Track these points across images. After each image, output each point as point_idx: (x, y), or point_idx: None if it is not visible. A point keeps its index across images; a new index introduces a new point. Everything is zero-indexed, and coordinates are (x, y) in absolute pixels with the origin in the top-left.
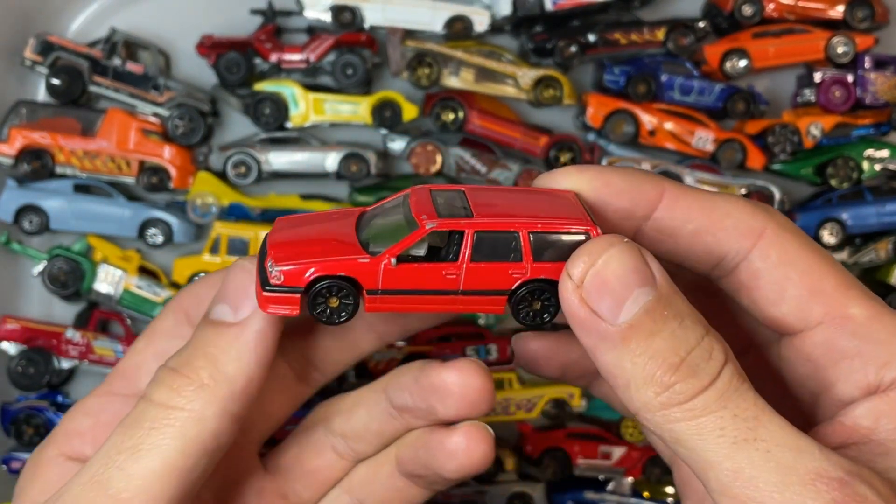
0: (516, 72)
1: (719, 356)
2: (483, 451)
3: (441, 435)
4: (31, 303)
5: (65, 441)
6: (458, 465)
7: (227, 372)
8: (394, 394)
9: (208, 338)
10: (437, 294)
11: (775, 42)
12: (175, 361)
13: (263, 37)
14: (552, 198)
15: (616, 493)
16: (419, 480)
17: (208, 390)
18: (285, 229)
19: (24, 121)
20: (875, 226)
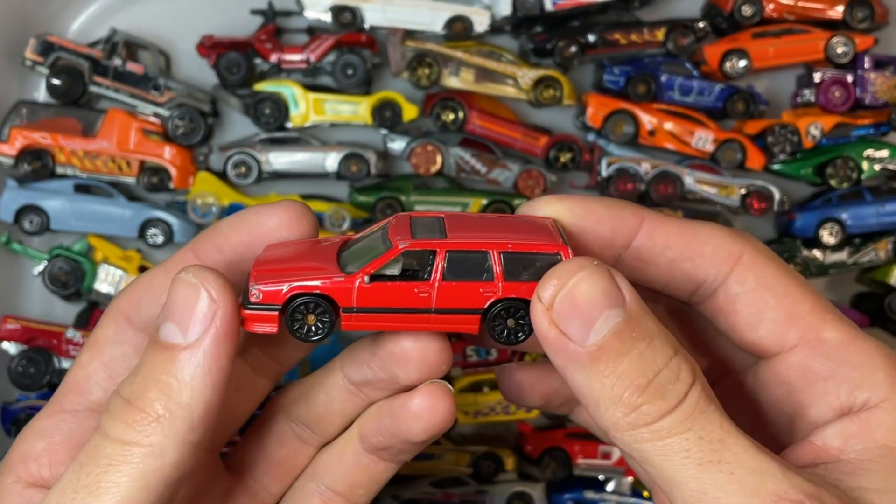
0: (516, 72)
1: (686, 377)
2: (446, 408)
3: (403, 399)
4: (32, 303)
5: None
6: (424, 426)
7: (182, 401)
8: (351, 371)
9: (159, 364)
10: (411, 312)
11: (775, 42)
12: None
13: (264, 37)
14: (528, 223)
15: (616, 492)
16: (384, 453)
17: (165, 423)
18: (271, 253)
19: (25, 121)
20: (874, 226)
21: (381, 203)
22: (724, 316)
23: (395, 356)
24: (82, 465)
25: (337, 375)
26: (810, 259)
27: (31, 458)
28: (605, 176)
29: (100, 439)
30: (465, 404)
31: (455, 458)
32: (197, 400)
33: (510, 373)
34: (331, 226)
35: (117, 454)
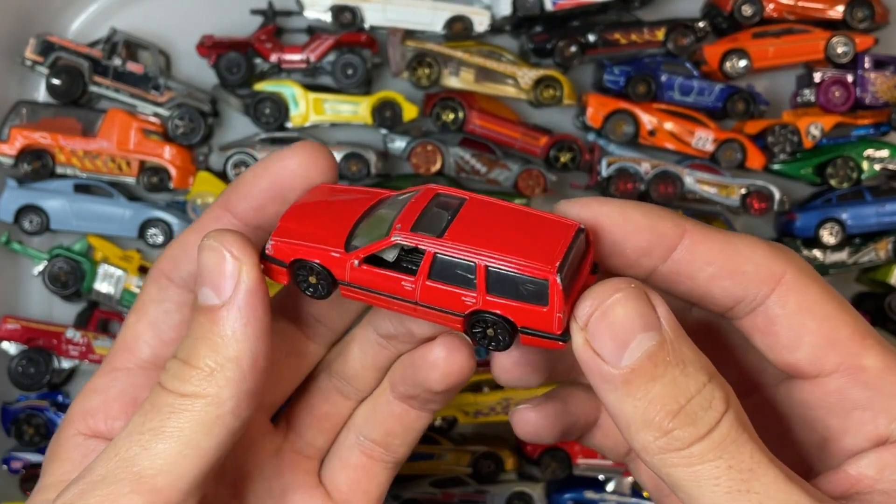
0: (516, 72)
1: (719, 405)
2: (463, 358)
3: (423, 350)
4: (32, 303)
5: (80, 420)
6: (441, 375)
7: (230, 354)
8: (378, 324)
9: (204, 325)
10: (398, 300)
11: (775, 42)
12: (182, 352)
13: (264, 37)
14: (545, 229)
15: (616, 492)
16: (413, 402)
17: (218, 375)
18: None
19: (25, 121)
20: (875, 226)
21: None
22: (761, 336)
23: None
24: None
25: (368, 330)
26: (811, 259)
27: (88, 412)
28: (605, 176)
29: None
30: (465, 404)
31: (455, 457)
32: (242, 351)
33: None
34: None
35: (178, 403)
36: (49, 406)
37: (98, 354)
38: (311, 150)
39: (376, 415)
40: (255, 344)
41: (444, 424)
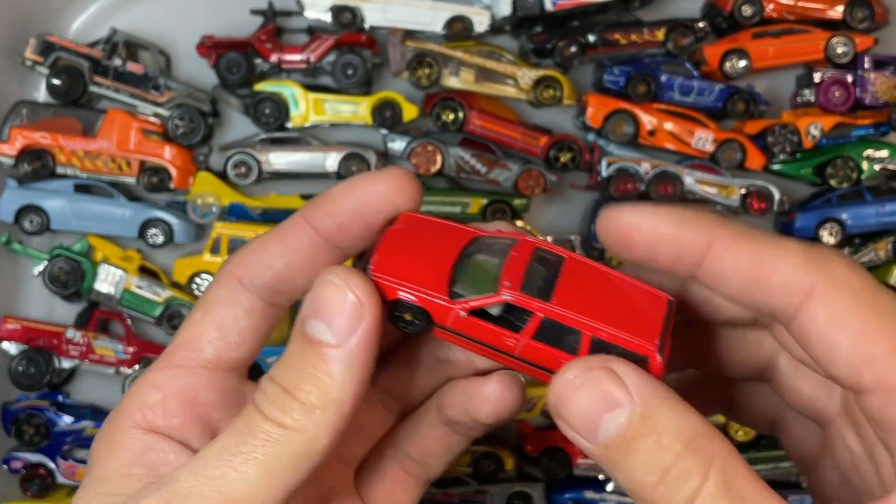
0: (516, 72)
1: (696, 475)
2: (515, 397)
3: (477, 383)
4: (32, 303)
5: (138, 413)
6: (492, 410)
7: (335, 396)
8: (436, 348)
9: (311, 359)
10: (496, 351)
11: (775, 42)
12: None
13: (264, 37)
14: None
15: (616, 492)
16: (458, 427)
17: (319, 414)
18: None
19: (25, 121)
20: (874, 226)
21: None
22: (796, 348)
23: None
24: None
25: (423, 349)
26: None
27: (147, 406)
28: (605, 176)
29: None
30: None
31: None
32: (347, 395)
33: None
34: None
35: (275, 434)
36: (49, 406)
37: (98, 354)
38: (401, 177)
39: (418, 433)
40: (359, 389)
41: None
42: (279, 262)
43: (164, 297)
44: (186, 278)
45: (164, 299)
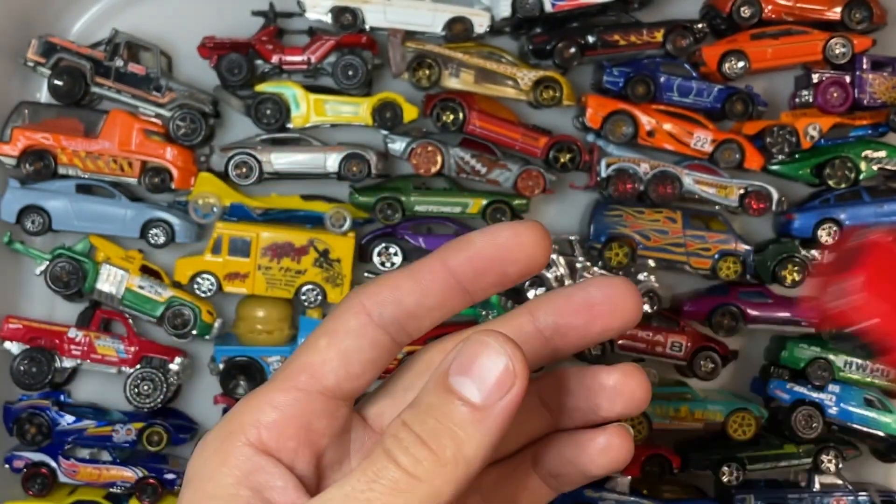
0: (516, 73)
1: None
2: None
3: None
4: (34, 302)
5: (252, 431)
6: (608, 462)
7: (468, 456)
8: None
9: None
10: None
11: (773, 43)
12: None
13: (265, 38)
14: None
15: (614, 491)
16: (552, 481)
17: (450, 469)
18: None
19: (27, 122)
20: (873, 226)
21: (381, 203)
22: None
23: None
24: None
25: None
26: (809, 259)
27: (263, 425)
28: (604, 176)
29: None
30: None
31: None
32: (478, 457)
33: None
34: (331, 226)
35: (403, 482)
36: (51, 405)
37: (100, 354)
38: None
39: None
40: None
41: None
42: (411, 300)
43: (165, 297)
44: (188, 278)
45: (165, 299)
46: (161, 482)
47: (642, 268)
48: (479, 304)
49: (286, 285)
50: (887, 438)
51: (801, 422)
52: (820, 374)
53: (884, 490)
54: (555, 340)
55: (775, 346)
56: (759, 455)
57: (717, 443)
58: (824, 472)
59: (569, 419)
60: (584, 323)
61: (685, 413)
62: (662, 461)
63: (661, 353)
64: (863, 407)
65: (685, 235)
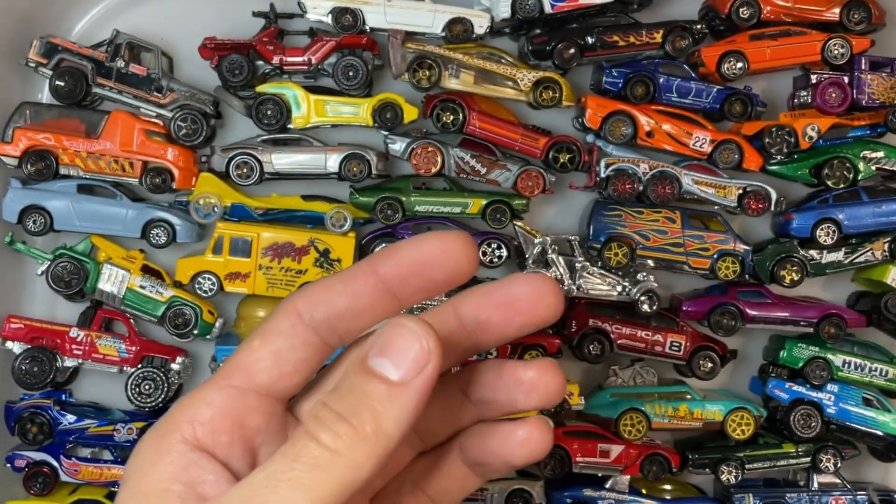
0: (516, 74)
1: None
2: (548, 441)
3: (512, 427)
4: (36, 302)
5: (188, 427)
6: (528, 453)
7: (387, 430)
8: (472, 389)
9: (372, 391)
10: None
11: (772, 44)
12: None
13: (266, 39)
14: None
15: (614, 490)
16: (480, 469)
17: (370, 442)
18: None
19: (29, 122)
20: (871, 226)
21: (381, 203)
22: None
23: (522, 383)
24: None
25: (455, 392)
26: (807, 259)
27: (197, 422)
28: (603, 176)
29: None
30: None
31: None
32: (397, 430)
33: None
34: (332, 226)
35: (324, 458)
36: (52, 405)
37: (101, 353)
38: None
39: (438, 473)
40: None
41: None
42: (341, 303)
43: (166, 297)
44: (189, 278)
45: (166, 299)
46: None
47: (641, 268)
48: None
49: (287, 285)
50: (886, 437)
51: (799, 421)
52: (818, 374)
53: (882, 489)
54: (477, 334)
55: (774, 345)
56: (758, 454)
57: (716, 442)
58: (823, 472)
59: (490, 411)
60: (504, 318)
61: (684, 412)
62: (662, 460)
63: (661, 353)
64: (861, 406)
65: (684, 235)
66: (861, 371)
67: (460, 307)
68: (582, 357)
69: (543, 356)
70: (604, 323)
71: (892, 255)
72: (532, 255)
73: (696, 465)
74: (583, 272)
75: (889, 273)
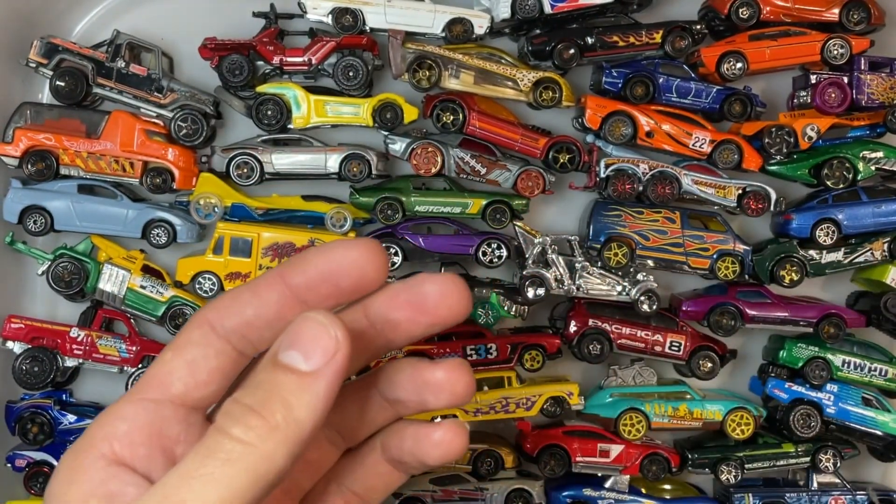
0: (515, 74)
1: None
2: (461, 443)
3: (427, 429)
4: (36, 302)
5: (104, 444)
6: (441, 454)
7: (300, 417)
8: (387, 389)
9: (282, 383)
10: None
11: (772, 44)
12: (249, 399)
13: (266, 39)
14: None
15: (613, 489)
16: (400, 466)
17: (281, 432)
18: None
19: (29, 122)
20: (871, 226)
21: (381, 203)
22: None
23: (430, 384)
24: (201, 457)
25: (372, 390)
26: (807, 259)
27: (114, 437)
28: (603, 176)
29: (220, 436)
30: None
31: None
32: (310, 419)
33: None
34: (332, 226)
35: (235, 451)
36: (53, 405)
37: (102, 353)
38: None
39: (362, 470)
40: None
41: None
42: (250, 312)
43: (167, 297)
44: (189, 278)
45: (167, 298)
46: None
47: (641, 268)
48: (479, 302)
49: None
50: (885, 437)
51: (799, 421)
52: (818, 374)
53: (882, 489)
54: (386, 332)
55: (774, 345)
56: (758, 454)
57: (715, 442)
58: (822, 471)
59: (405, 409)
60: (411, 317)
61: (684, 412)
62: (661, 460)
63: (660, 353)
64: (861, 406)
65: (684, 235)
66: (860, 371)
67: (369, 306)
68: (582, 357)
69: (544, 355)
70: (603, 323)
71: (891, 255)
72: (532, 255)
73: (696, 465)
74: (583, 272)
75: (888, 273)
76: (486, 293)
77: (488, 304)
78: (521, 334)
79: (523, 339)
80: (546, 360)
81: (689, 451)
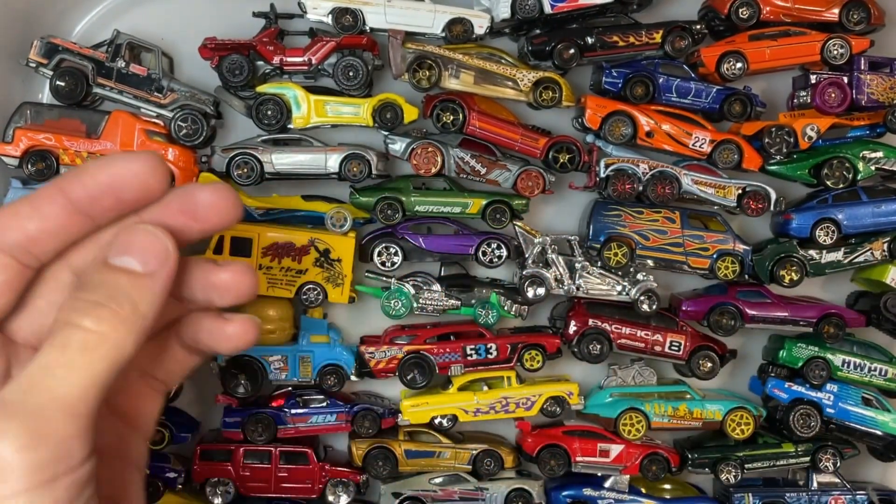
0: (515, 74)
1: None
2: (253, 336)
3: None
4: None
5: None
6: (233, 346)
7: (143, 312)
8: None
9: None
10: None
11: (772, 44)
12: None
13: (266, 39)
14: None
15: (613, 489)
16: (196, 352)
17: (130, 323)
18: None
19: (29, 122)
20: (870, 226)
21: (381, 203)
22: None
23: (217, 286)
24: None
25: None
26: (807, 259)
27: None
28: (603, 176)
29: (71, 330)
30: (465, 402)
31: (454, 455)
32: (151, 312)
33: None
34: (332, 226)
35: (92, 341)
36: None
37: None
38: (154, 160)
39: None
40: (157, 311)
41: (444, 422)
42: (31, 226)
43: None
44: None
45: None
46: (163, 480)
47: (641, 268)
48: (479, 302)
49: (287, 285)
50: (885, 437)
51: (798, 421)
52: (818, 374)
53: (881, 489)
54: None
55: (773, 345)
56: (758, 454)
57: (715, 441)
58: (822, 471)
59: (194, 307)
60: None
61: (684, 412)
62: (661, 460)
63: (660, 353)
64: (860, 406)
65: (684, 235)
66: (860, 371)
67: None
68: (582, 357)
69: (544, 355)
70: (603, 323)
71: (891, 254)
72: (532, 254)
73: (696, 465)
74: (582, 272)
75: (888, 273)
76: (486, 293)
77: (488, 304)
78: (521, 334)
79: (523, 339)
80: (546, 359)
81: (689, 451)
